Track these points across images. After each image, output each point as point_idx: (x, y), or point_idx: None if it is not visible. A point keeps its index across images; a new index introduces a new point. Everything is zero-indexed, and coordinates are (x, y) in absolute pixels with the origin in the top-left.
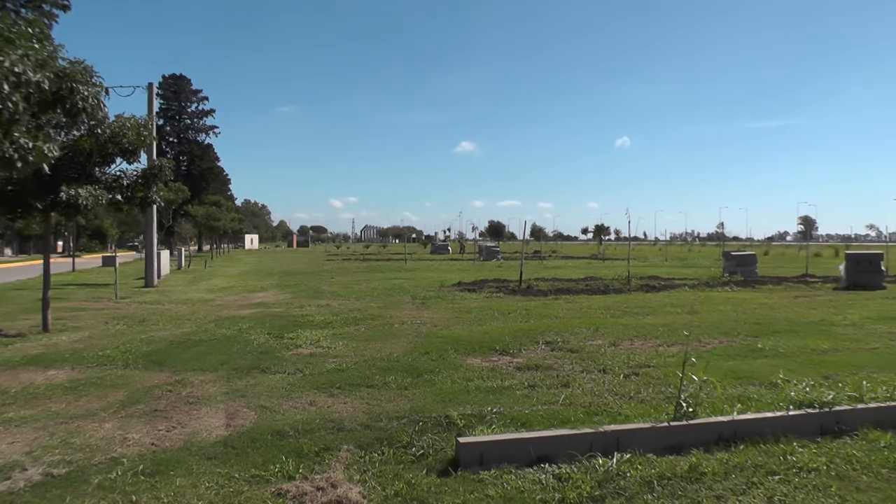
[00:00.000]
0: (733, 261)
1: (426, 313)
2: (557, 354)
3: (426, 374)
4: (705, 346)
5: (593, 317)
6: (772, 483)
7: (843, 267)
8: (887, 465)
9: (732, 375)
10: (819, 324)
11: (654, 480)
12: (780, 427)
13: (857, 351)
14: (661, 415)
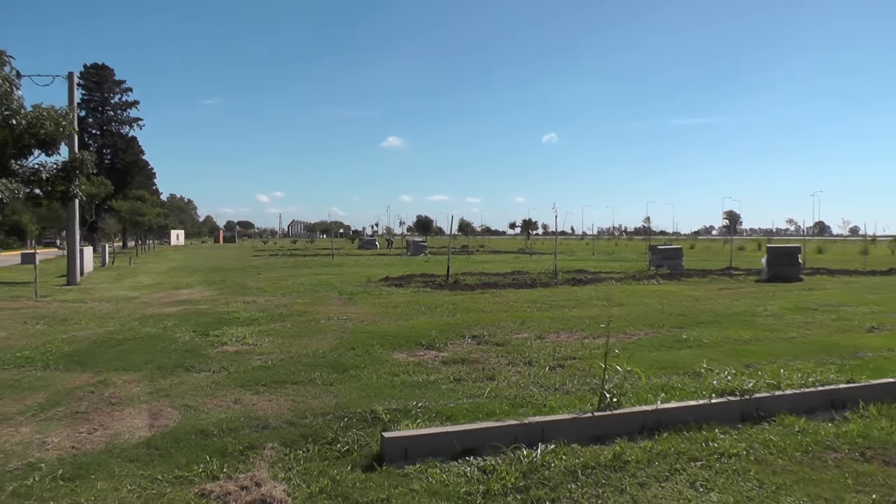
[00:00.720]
0: (660, 254)
1: (353, 309)
2: (483, 348)
3: (352, 369)
4: (631, 337)
5: (520, 310)
6: (694, 469)
7: (764, 260)
8: (801, 448)
9: (657, 366)
10: (741, 315)
11: (579, 470)
12: (702, 415)
13: (776, 340)
14: (586, 405)
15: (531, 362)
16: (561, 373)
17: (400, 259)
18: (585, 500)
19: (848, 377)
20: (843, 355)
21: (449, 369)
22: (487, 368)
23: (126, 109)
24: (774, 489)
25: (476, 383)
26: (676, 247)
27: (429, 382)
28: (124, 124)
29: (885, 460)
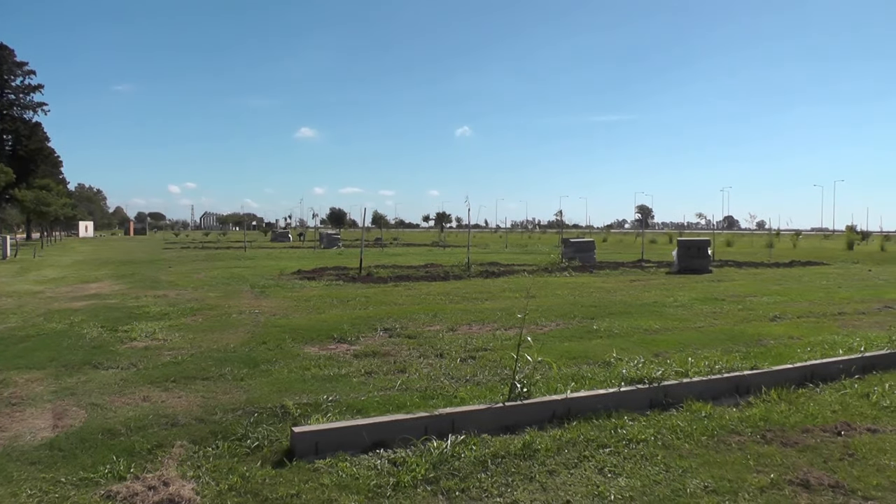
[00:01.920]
0: (572, 247)
1: (265, 302)
2: (395, 341)
3: (263, 364)
4: (543, 328)
5: (432, 303)
6: (602, 455)
7: (675, 253)
8: (706, 432)
9: (568, 356)
10: (652, 305)
11: (489, 459)
12: (612, 402)
13: (684, 330)
14: (497, 396)
15: (443, 354)
16: (472, 364)
17: (313, 252)
18: (495, 489)
19: (752, 364)
20: (747, 343)
21: (360, 362)
22: (399, 361)
23: (29, 93)
24: (680, 472)
25: (387, 376)
26: (589, 240)
27: (340, 376)
28: (27, 109)
29: (784, 441)
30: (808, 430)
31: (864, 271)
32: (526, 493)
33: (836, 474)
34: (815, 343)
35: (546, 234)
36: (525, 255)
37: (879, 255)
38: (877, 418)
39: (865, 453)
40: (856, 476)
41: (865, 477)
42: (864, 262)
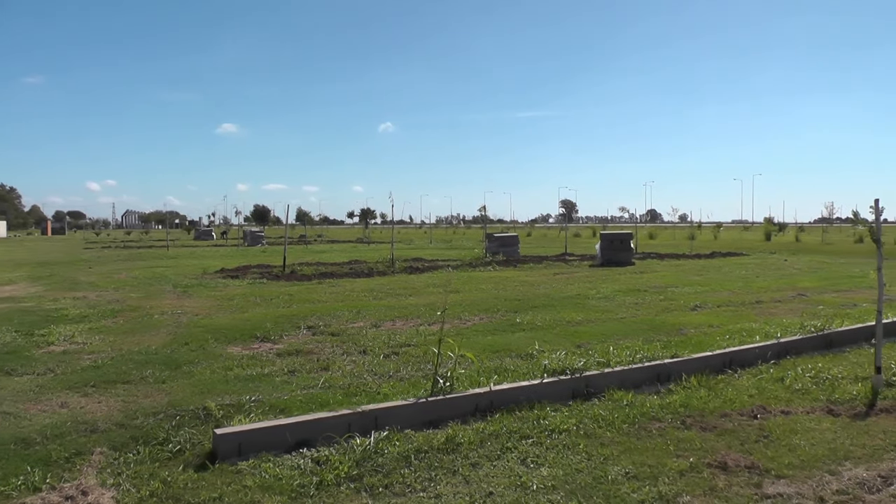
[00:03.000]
0: (496, 242)
1: (187, 302)
2: (319, 338)
3: (185, 365)
4: (466, 323)
5: (356, 300)
6: (525, 446)
7: (598, 246)
8: (628, 420)
9: (491, 349)
10: (575, 298)
11: (412, 455)
12: (535, 394)
13: (606, 321)
14: (420, 391)
15: (366, 351)
16: (395, 360)
17: (237, 250)
18: (418, 483)
19: (672, 352)
20: (668, 332)
21: (283, 361)
22: (322, 359)
23: None
24: (602, 460)
25: (310, 374)
26: (512, 234)
27: (263, 375)
28: None
29: (703, 426)
30: (726, 414)
31: (780, 261)
32: (449, 487)
33: (751, 455)
34: (733, 331)
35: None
36: (449, 250)
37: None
38: (790, 401)
39: (779, 435)
40: (770, 456)
41: (779, 457)
42: (781, 252)
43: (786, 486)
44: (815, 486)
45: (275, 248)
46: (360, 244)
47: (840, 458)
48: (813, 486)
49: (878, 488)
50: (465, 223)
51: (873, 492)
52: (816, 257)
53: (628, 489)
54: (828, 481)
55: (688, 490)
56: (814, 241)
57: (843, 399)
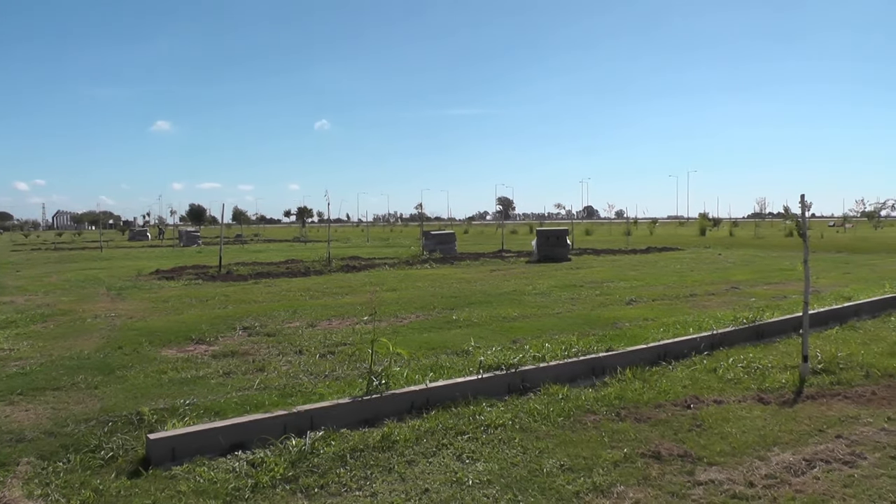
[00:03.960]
0: (433, 239)
1: (121, 305)
2: (255, 339)
3: (118, 370)
4: (402, 321)
5: (292, 299)
6: (461, 442)
7: (534, 242)
8: (563, 413)
9: (427, 346)
10: (511, 294)
11: (347, 454)
12: (470, 390)
13: (542, 316)
14: (356, 390)
15: (302, 351)
16: (331, 359)
17: (172, 251)
18: (354, 483)
19: (607, 346)
20: (604, 326)
21: (219, 363)
22: (258, 360)
23: None
24: (537, 453)
25: (246, 375)
26: (449, 232)
27: (198, 378)
28: None
29: (637, 417)
30: (660, 405)
31: (714, 255)
32: (385, 485)
33: (684, 444)
34: (668, 324)
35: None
36: (387, 248)
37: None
38: (722, 390)
39: (711, 423)
40: (702, 445)
41: (711, 445)
42: (715, 246)
43: (717, 472)
44: (745, 472)
45: (211, 249)
46: (297, 243)
47: (769, 443)
48: (743, 472)
49: (804, 471)
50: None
51: (799, 475)
52: (749, 251)
53: (563, 481)
54: (757, 466)
55: (622, 480)
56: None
57: (772, 387)
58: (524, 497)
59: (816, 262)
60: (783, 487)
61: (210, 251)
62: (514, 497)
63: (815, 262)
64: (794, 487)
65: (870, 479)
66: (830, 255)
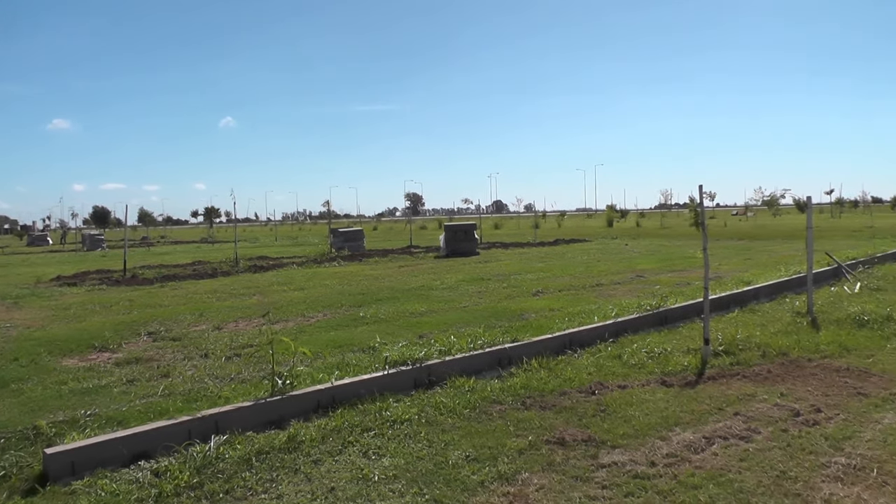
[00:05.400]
0: (341, 237)
1: (18, 314)
2: (159, 344)
3: (14, 383)
4: (309, 319)
5: (199, 302)
6: (367, 439)
7: (442, 237)
8: (468, 406)
9: (334, 344)
10: (419, 289)
11: (253, 457)
12: (377, 386)
13: (449, 310)
14: (262, 392)
15: (208, 354)
16: (237, 362)
17: (75, 255)
18: (259, 486)
19: (513, 337)
20: (510, 318)
21: (122, 371)
22: (163, 365)
23: None
24: (443, 446)
25: (150, 382)
26: (357, 229)
27: (100, 387)
28: None
29: (542, 406)
30: (565, 392)
31: (621, 246)
32: (291, 486)
33: (589, 429)
34: (573, 313)
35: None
36: (295, 247)
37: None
38: (626, 375)
39: (615, 408)
40: (606, 429)
41: (614, 428)
42: (622, 237)
43: (620, 454)
44: (646, 452)
45: (116, 252)
46: (205, 244)
47: (671, 424)
48: (645, 452)
49: (703, 448)
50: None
51: (698, 452)
52: (655, 241)
53: (468, 471)
54: (659, 446)
55: (527, 467)
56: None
57: (675, 370)
58: (429, 490)
59: (719, 249)
60: (683, 465)
61: (115, 255)
62: (420, 490)
63: (718, 250)
64: (694, 464)
65: (763, 452)
66: (733, 242)
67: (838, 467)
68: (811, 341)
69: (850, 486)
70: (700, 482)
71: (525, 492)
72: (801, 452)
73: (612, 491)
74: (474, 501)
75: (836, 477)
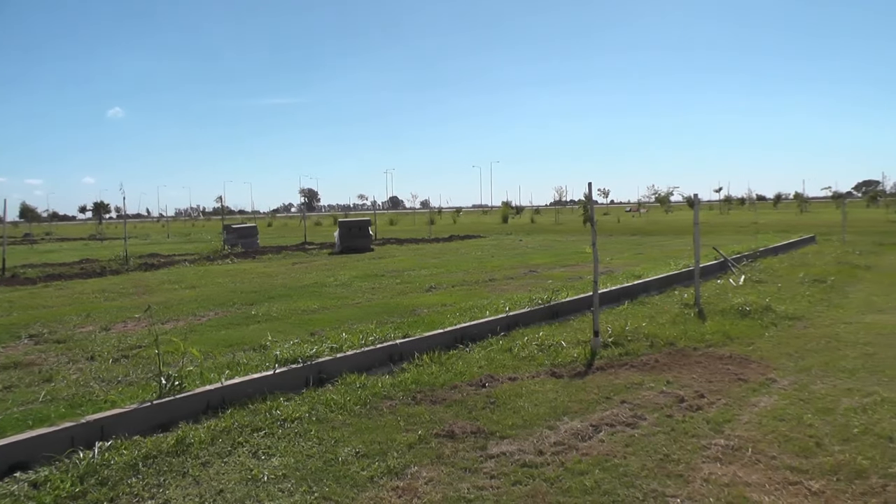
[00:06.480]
0: (235, 233)
1: None
2: (42, 347)
3: None
4: (200, 318)
5: (86, 302)
6: (257, 439)
7: (337, 234)
8: (359, 402)
9: (225, 343)
10: (312, 286)
11: (140, 462)
12: (267, 386)
13: (342, 307)
14: (150, 394)
15: (94, 357)
16: (125, 364)
17: None
18: (146, 491)
19: (405, 332)
20: (402, 314)
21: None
22: (45, 370)
23: None
24: (333, 443)
25: (31, 388)
26: (251, 225)
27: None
28: None
29: (432, 400)
30: (456, 386)
31: (515, 241)
32: (178, 490)
33: (478, 422)
34: (466, 308)
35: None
36: (188, 244)
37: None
38: (517, 368)
39: (505, 400)
40: (495, 420)
41: (503, 420)
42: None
43: (508, 444)
44: (535, 442)
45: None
46: (93, 241)
47: (559, 414)
48: (533, 442)
49: (590, 435)
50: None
51: (586, 439)
52: (549, 236)
53: (358, 467)
54: (547, 435)
55: (416, 461)
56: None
57: (565, 362)
58: (319, 487)
59: (612, 244)
60: (571, 452)
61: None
62: (309, 489)
63: (610, 244)
64: (581, 451)
65: (648, 437)
66: (626, 237)
67: (718, 448)
68: (697, 331)
69: (728, 465)
70: (587, 468)
71: (414, 485)
72: (683, 436)
73: (500, 480)
74: (363, 497)
75: (715, 457)
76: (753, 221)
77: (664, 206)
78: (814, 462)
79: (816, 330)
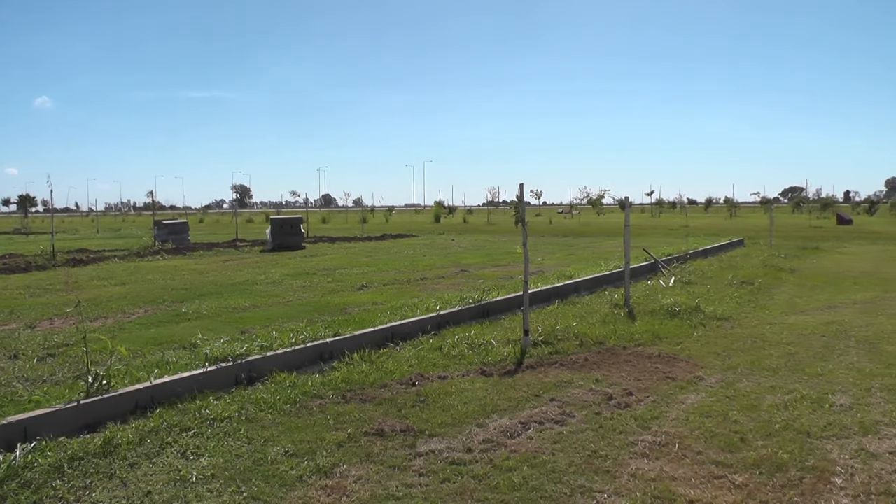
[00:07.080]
0: (166, 229)
1: None
2: None
3: None
4: (130, 316)
5: (9, 298)
6: (185, 439)
7: (269, 231)
8: (289, 401)
9: (154, 342)
10: (243, 284)
11: (65, 464)
12: (196, 384)
13: (273, 305)
14: (76, 394)
15: (17, 355)
16: (51, 363)
17: None
18: (71, 494)
19: (335, 331)
20: (333, 313)
21: None
22: None
23: None
24: (263, 442)
25: None
26: (182, 221)
27: None
28: None
29: (362, 398)
30: (386, 384)
31: (447, 241)
32: (105, 493)
33: (408, 420)
34: (397, 307)
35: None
36: (118, 239)
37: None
38: (446, 366)
39: (435, 398)
40: (425, 419)
41: (433, 418)
42: (449, 232)
43: (438, 442)
44: (464, 439)
45: None
46: (18, 235)
47: (489, 412)
48: (462, 440)
49: (519, 433)
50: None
51: (514, 437)
52: (481, 236)
53: (287, 467)
54: (476, 433)
55: (345, 459)
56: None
57: (495, 361)
58: (247, 487)
59: (545, 245)
60: (499, 450)
61: None
62: (238, 489)
63: (542, 245)
64: (510, 448)
65: (576, 434)
66: (558, 238)
67: (645, 444)
68: (627, 331)
69: (655, 460)
70: (515, 465)
71: (343, 484)
72: (611, 433)
73: (429, 478)
74: (292, 496)
75: (642, 453)
76: (684, 224)
77: (596, 208)
78: (738, 457)
79: (743, 330)
